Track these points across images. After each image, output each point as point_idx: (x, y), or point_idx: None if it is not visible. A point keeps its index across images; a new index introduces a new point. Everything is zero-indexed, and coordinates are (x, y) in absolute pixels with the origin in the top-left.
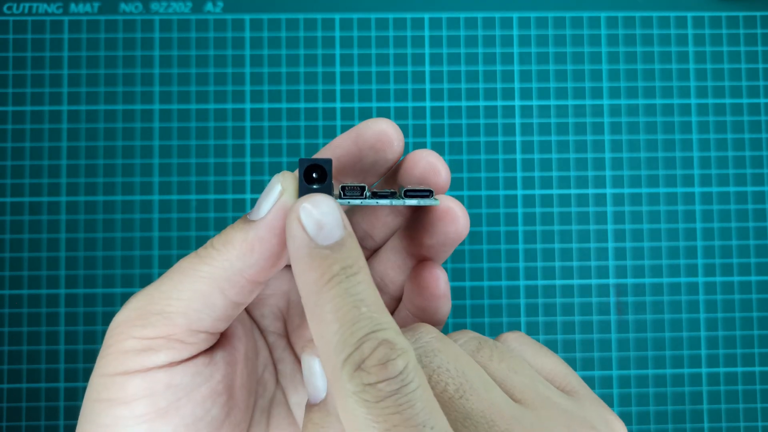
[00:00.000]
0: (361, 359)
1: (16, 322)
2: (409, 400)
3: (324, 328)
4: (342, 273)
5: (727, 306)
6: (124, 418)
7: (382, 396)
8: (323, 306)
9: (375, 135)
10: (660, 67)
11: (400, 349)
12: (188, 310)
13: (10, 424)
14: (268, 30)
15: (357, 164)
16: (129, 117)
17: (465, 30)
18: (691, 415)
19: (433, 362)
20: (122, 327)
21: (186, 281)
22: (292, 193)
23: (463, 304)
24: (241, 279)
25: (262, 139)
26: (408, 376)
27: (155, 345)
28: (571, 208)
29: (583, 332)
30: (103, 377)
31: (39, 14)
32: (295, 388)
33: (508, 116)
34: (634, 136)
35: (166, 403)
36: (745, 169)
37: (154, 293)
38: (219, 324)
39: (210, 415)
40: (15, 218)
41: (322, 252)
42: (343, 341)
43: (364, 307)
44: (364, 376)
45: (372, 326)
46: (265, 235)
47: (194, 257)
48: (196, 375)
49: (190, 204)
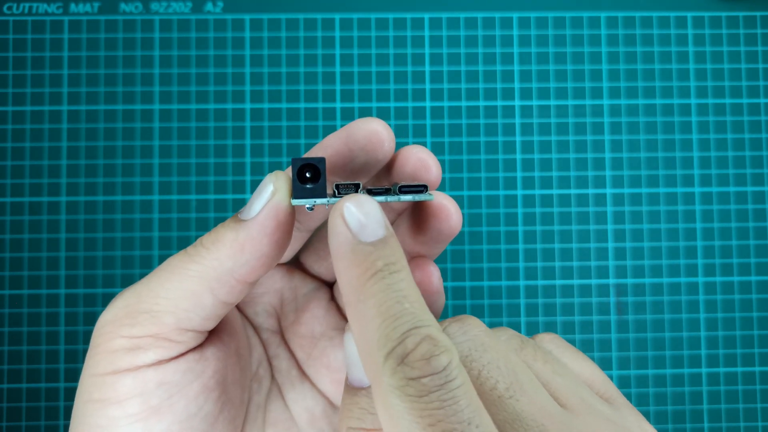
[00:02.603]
0: (405, 353)
1: (16, 322)
2: (453, 396)
3: (366, 324)
4: (386, 269)
5: (727, 306)
6: (117, 418)
7: (426, 391)
8: (366, 301)
9: (366, 135)
10: (660, 67)
11: (443, 346)
12: (176, 309)
13: (10, 424)
14: (268, 30)
15: (348, 165)
16: (129, 117)
17: (465, 30)
18: (691, 415)
19: (483, 357)
20: (110, 326)
21: (175, 279)
22: (284, 193)
23: (463, 304)
24: (231, 279)
25: (262, 139)
26: (452, 372)
27: (143, 344)
28: (571, 208)
29: (583, 332)
30: (93, 377)
31: (39, 14)
32: (291, 385)
33: (508, 116)
34: (634, 136)
35: (159, 401)
36: (745, 169)
37: (142, 291)
38: (207, 323)
39: (203, 411)
40: (15, 218)
41: (366, 248)
42: (386, 336)
43: (407, 303)
44: (408, 370)
45: (415, 322)
46: (256, 235)
47: (183, 255)
48: (188, 372)
49: (190, 204)
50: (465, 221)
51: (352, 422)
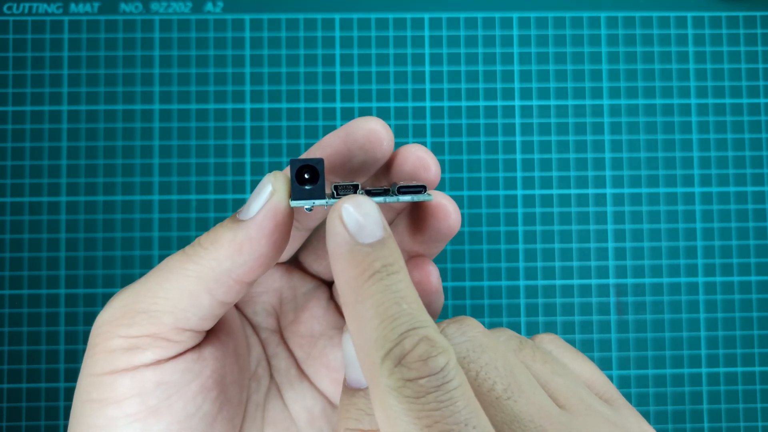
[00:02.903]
0: (402, 354)
1: (16, 322)
2: (451, 398)
3: (364, 324)
4: (383, 270)
5: (727, 306)
6: (116, 418)
7: (423, 392)
8: (363, 302)
9: (365, 134)
10: (660, 67)
11: (441, 347)
12: (174, 309)
13: (10, 424)
14: (268, 30)
15: (346, 164)
16: (129, 117)
17: (465, 30)
18: (691, 415)
19: (480, 358)
20: (108, 326)
21: (173, 279)
22: (283, 194)
23: (463, 304)
24: (229, 279)
25: (262, 139)
26: (449, 373)
27: (141, 343)
28: (571, 208)
29: (583, 332)
30: (91, 377)
31: (39, 14)
32: (290, 384)
33: (508, 116)
34: (634, 136)
35: (157, 401)
36: (745, 169)
37: (140, 291)
38: (205, 323)
39: (202, 411)
40: (15, 218)
41: (363, 249)
42: (383, 336)
43: (405, 304)
44: (405, 371)
45: (413, 323)
46: (255, 236)
47: (181, 255)
48: (186, 372)
49: (190, 204)
50: (465, 221)
51: (350, 423)
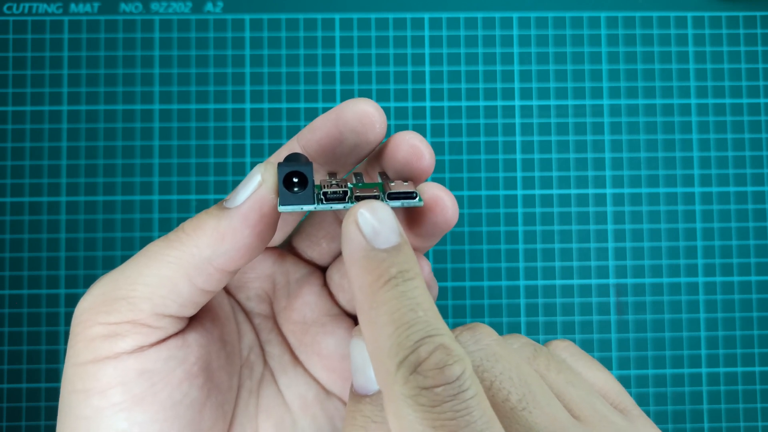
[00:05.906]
0: (418, 362)
1: (16, 322)
2: (467, 407)
3: (378, 331)
4: (399, 276)
5: (727, 306)
6: (101, 408)
7: (439, 401)
8: (378, 308)
9: (356, 117)
10: (660, 67)
11: (457, 355)
12: (153, 296)
13: (10, 424)
14: (268, 30)
15: (337, 147)
16: (129, 117)
17: (465, 30)
18: (691, 415)
19: (495, 368)
20: (87, 314)
21: (152, 265)
22: (271, 186)
23: (463, 304)
24: (209, 267)
25: (262, 139)
26: (465, 382)
27: (121, 330)
28: (571, 208)
29: (583, 332)
30: (75, 367)
31: (39, 14)
32: (284, 370)
33: (508, 116)
34: (634, 136)
35: (141, 390)
36: (745, 169)
37: (119, 278)
38: (186, 309)
39: (188, 398)
40: (15, 218)
41: (379, 255)
42: (398, 344)
43: (421, 311)
44: (420, 379)
45: (428, 330)
46: (238, 226)
47: (163, 241)
48: (169, 359)
49: (190, 204)
50: (465, 221)
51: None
